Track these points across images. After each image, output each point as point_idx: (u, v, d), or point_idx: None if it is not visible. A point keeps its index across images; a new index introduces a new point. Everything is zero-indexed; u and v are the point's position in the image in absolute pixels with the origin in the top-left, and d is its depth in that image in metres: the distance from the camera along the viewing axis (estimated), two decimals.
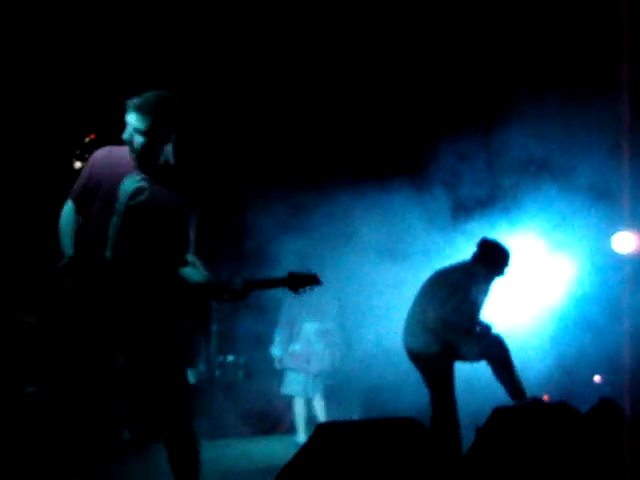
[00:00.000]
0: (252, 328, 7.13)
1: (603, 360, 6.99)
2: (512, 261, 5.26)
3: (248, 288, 3.16)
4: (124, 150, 3.28)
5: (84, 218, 3.24)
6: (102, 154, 3.31)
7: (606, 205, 6.81)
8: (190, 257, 3.29)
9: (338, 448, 2.73)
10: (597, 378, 7.32)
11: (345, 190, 6.87)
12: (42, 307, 6.21)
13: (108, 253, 3.10)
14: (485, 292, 5.19)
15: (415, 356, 5.15)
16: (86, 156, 6.84)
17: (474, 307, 5.08)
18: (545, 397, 6.49)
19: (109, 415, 3.17)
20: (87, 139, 7.15)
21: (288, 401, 6.74)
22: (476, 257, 5.21)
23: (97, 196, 3.20)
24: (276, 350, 6.71)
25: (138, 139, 3.17)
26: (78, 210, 3.24)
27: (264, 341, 7.03)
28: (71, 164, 7.13)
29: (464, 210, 7.10)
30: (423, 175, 7.02)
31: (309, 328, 6.58)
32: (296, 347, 6.57)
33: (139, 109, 3.14)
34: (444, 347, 5.01)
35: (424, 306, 5.12)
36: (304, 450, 2.87)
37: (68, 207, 3.26)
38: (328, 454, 2.75)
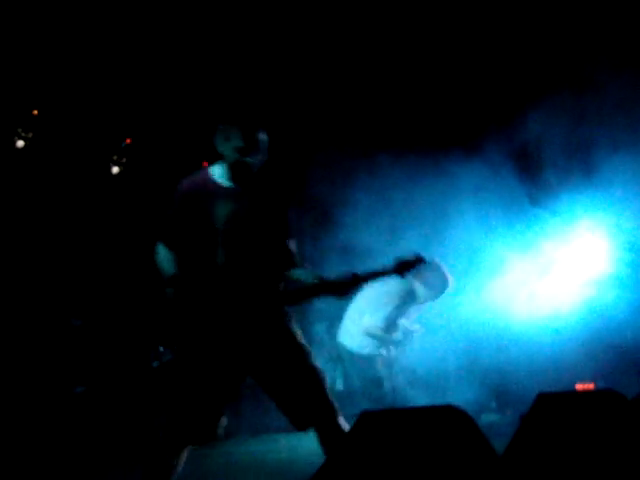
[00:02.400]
0: None
1: None
2: (449, 290, 5.44)
3: (357, 282, 3.18)
4: (203, 176, 3.26)
5: (181, 253, 3.23)
6: (183, 189, 3.25)
7: None
8: (297, 259, 3.32)
9: (381, 436, 2.74)
10: None
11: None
12: (88, 310, 6.34)
13: (220, 259, 3.13)
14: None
15: (348, 353, 5.42)
16: (123, 160, 6.99)
17: (402, 316, 5.45)
18: (591, 385, 6.40)
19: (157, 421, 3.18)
20: (123, 144, 7.32)
21: None
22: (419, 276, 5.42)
23: (194, 229, 3.18)
24: None
25: (248, 159, 3.17)
26: (172, 249, 3.23)
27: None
28: (109, 168, 7.30)
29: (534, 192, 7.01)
30: (490, 155, 6.87)
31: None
32: None
33: (240, 129, 3.15)
34: (376, 351, 5.38)
35: (362, 309, 5.39)
36: (348, 437, 2.88)
37: (161, 248, 3.25)
38: (372, 442, 2.77)
